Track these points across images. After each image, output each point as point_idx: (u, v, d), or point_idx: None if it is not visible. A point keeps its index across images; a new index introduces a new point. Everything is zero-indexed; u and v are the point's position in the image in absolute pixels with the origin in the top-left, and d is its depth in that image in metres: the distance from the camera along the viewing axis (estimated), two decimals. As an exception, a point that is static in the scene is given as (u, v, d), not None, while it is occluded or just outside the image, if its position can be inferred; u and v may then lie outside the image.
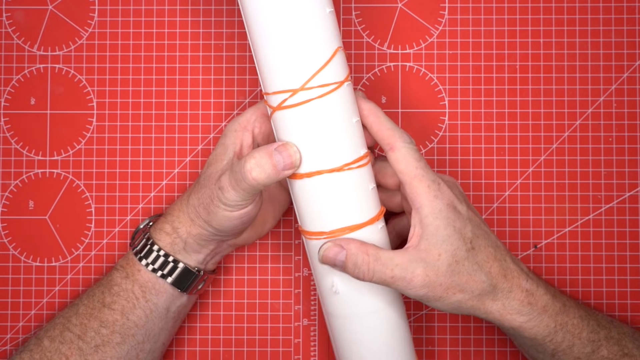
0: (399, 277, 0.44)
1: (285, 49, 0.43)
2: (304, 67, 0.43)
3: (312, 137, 0.45)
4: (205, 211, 0.47)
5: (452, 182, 0.49)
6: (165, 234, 0.50)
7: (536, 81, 0.56)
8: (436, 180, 0.45)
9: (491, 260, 0.46)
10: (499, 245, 0.47)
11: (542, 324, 0.47)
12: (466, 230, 0.45)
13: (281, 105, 0.44)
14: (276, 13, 0.43)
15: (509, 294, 0.46)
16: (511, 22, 0.56)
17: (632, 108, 0.56)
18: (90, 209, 0.56)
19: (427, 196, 0.45)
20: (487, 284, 0.45)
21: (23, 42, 0.57)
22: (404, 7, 0.57)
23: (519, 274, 0.47)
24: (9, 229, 0.56)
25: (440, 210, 0.45)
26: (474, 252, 0.45)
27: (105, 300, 0.50)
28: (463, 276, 0.45)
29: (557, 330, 0.47)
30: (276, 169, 0.45)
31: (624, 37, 0.56)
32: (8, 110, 0.57)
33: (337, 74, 0.44)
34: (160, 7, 0.57)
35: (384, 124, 0.46)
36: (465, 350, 0.56)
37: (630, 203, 0.56)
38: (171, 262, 0.49)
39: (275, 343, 0.56)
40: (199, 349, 0.56)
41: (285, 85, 0.44)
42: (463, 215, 0.46)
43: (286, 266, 0.56)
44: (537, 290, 0.47)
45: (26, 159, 0.57)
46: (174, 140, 0.57)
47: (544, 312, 0.47)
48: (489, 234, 0.47)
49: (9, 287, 0.56)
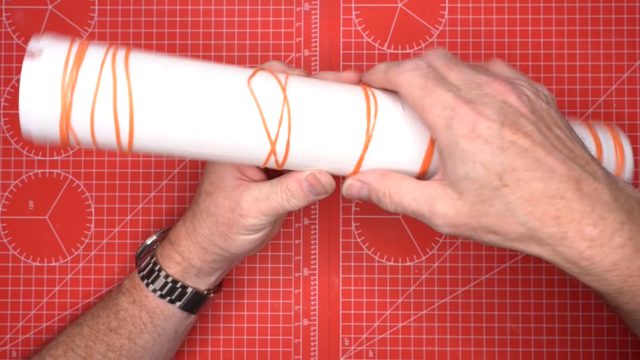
0: (418, 212, 0.39)
1: None
2: (256, 134, 0.40)
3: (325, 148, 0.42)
4: (222, 238, 0.46)
5: (496, 97, 0.38)
6: (176, 263, 0.48)
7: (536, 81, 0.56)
8: (449, 104, 0.38)
9: (536, 197, 0.36)
10: (562, 175, 0.37)
11: (605, 282, 0.37)
12: (494, 164, 0.37)
13: (279, 164, 0.42)
14: None
15: (562, 240, 0.37)
16: (511, 22, 0.56)
17: (632, 108, 0.56)
18: (90, 209, 0.56)
19: (439, 127, 0.38)
20: (525, 228, 0.37)
21: (23, 42, 0.57)
22: (404, 7, 0.57)
23: (583, 216, 0.36)
24: (9, 229, 0.56)
25: (456, 143, 0.37)
26: (506, 189, 0.37)
27: (112, 325, 0.49)
28: (491, 218, 0.37)
29: (623, 292, 0.37)
30: (308, 197, 0.44)
31: (624, 37, 0.56)
32: (8, 110, 0.57)
33: (275, 103, 0.41)
34: (160, 7, 0.57)
35: (379, 72, 0.42)
36: (465, 350, 0.56)
37: (630, 203, 0.55)
38: (179, 287, 0.48)
39: (275, 343, 0.56)
40: (199, 349, 0.56)
41: (262, 156, 0.41)
42: (492, 144, 0.37)
43: (286, 266, 0.56)
44: (611, 240, 0.36)
45: (26, 159, 0.57)
46: (174, 140, 0.57)
47: (610, 270, 0.37)
48: (541, 161, 0.37)
49: (9, 287, 0.56)
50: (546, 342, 0.55)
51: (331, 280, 0.56)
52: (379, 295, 0.56)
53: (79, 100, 0.37)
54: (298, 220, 0.56)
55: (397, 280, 0.56)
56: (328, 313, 0.56)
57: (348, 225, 0.56)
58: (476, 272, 0.56)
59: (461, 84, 0.39)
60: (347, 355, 0.56)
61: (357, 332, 0.56)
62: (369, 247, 0.56)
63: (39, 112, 0.36)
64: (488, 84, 0.39)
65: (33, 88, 0.36)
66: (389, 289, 0.56)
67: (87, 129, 0.37)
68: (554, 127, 0.39)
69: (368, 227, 0.56)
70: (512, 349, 0.55)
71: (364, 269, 0.56)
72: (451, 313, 0.56)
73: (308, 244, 0.56)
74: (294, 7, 0.57)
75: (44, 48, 0.37)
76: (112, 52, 0.38)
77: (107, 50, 0.38)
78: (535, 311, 0.56)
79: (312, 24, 0.57)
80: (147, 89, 0.38)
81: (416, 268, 0.56)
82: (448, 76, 0.40)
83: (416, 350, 0.56)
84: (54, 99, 0.36)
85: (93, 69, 0.37)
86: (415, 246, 0.56)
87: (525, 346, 0.55)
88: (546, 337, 0.55)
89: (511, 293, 0.56)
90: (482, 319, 0.56)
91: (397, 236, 0.56)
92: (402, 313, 0.56)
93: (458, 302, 0.56)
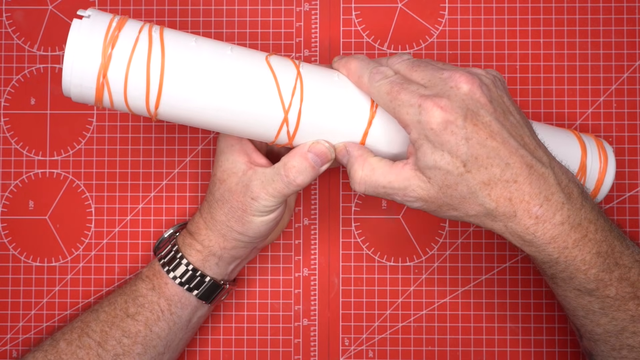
0: (392, 193, 0.44)
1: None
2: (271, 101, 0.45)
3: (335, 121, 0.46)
4: (239, 223, 0.48)
5: (459, 91, 0.42)
6: (197, 251, 0.49)
7: (536, 81, 0.56)
8: (415, 102, 0.42)
9: (493, 182, 0.42)
10: (515, 161, 0.42)
11: (544, 252, 0.43)
12: (459, 153, 0.41)
13: (290, 136, 0.46)
14: None
15: (513, 218, 0.42)
16: (511, 22, 0.56)
17: (632, 108, 0.56)
18: (90, 209, 0.56)
19: (410, 123, 0.42)
20: (483, 208, 0.42)
21: (23, 42, 0.57)
22: (404, 7, 0.57)
23: (531, 197, 0.42)
24: (9, 229, 0.56)
25: (426, 136, 0.42)
26: (469, 175, 0.42)
27: (129, 311, 0.49)
28: (455, 199, 0.42)
29: (559, 262, 0.43)
30: (315, 169, 0.46)
31: (624, 37, 0.56)
32: (8, 110, 0.57)
33: (289, 72, 0.45)
34: (160, 7, 0.57)
35: (354, 75, 0.46)
36: (465, 350, 0.56)
37: (630, 203, 0.55)
38: (199, 276, 0.49)
39: (275, 343, 0.56)
40: (199, 349, 0.56)
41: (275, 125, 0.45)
42: (457, 135, 0.41)
43: (286, 266, 0.56)
44: (552, 218, 0.42)
45: (26, 159, 0.57)
46: (174, 140, 0.57)
47: (550, 243, 0.43)
48: (498, 149, 0.42)
49: (9, 287, 0.56)
50: (546, 342, 0.55)
51: (331, 280, 0.56)
52: (379, 295, 0.56)
53: (118, 55, 0.41)
54: (298, 220, 0.56)
55: (397, 280, 0.56)
56: (328, 313, 0.56)
57: (348, 225, 0.56)
58: (476, 272, 0.56)
59: (426, 82, 0.44)
60: (347, 355, 0.56)
61: (357, 332, 0.56)
62: (369, 247, 0.56)
63: (81, 63, 0.41)
64: (451, 78, 0.43)
65: (78, 42, 0.41)
66: (389, 289, 0.56)
67: (121, 83, 0.42)
68: (508, 115, 0.43)
69: (368, 227, 0.56)
70: (512, 349, 0.55)
71: (364, 269, 0.56)
72: (451, 313, 0.56)
73: (308, 244, 0.56)
74: (294, 7, 0.57)
75: (91, 14, 0.42)
76: (150, 24, 0.44)
77: (145, 22, 0.44)
78: (535, 311, 0.56)
79: (312, 24, 0.57)
80: (178, 54, 0.42)
81: (416, 268, 0.56)
82: (412, 77, 0.44)
83: (416, 350, 0.56)
84: (96, 51, 0.41)
85: (132, 31, 0.42)
86: (415, 246, 0.56)
87: (525, 346, 0.55)
88: (546, 337, 0.55)
89: (511, 293, 0.56)
90: (482, 319, 0.56)
91: (397, 236, 0.56)
92: (402, 313, 0.56)
93: (458, 302, 0.56)
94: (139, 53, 0.42)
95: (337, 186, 0.57)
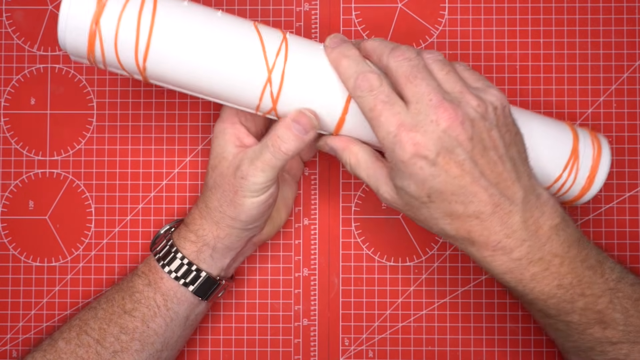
0: (367, 183, 0.47)
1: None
2: (255, 59, 0.46)
3: (316, 89, 0.47)
4: (231, 207, 0.48)
5: (438, 126, 0.42)
6: (191, 243, 0.50)
7: (536, 81, 0.56)
8: (392, 130, 0.42)
9: (455, 215, 0.43)
10: (481, 200, 0.42)
11: (502, 280, 0.44)
12: (425, 187, 0.42)
13: (274, 98, 0.46)
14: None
15: (470, 246, 0.44)
16: (511, 22, 0.56)
17: (632, 108, 0.56)
18: (90, 209, 0.56)
19: (385, 146, 0.44)
20: (443, 232, 0.44)
21: (23, 42, 0.57)
22: (404, 7, 0.57)
23: (490, 233, 0.43)
24: (9, 229, 0.56)
25: (397, 165, 0.43)
26: (432, 204, 0.43)
27: (126, 307, 0.49)
28: (419, 216, 0.45)
29: (517, 290, 0.45)
30: (299, 137, 0.46)
31: (624, 37, 0.56)
32: (8, 110, 0.57)
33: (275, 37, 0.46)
34: (160, 7, 0.57)
35: (342, 74, 0.46)
36: (465, 350, 0.56)
37: (630, 203, 0.55)
38: (194, 270, 0.49)
39: (275, 343, 0.56)
40: (199, 349, 0.56)
41: (259, 85, 0.46)
42: (425, 172, 0.42)
43: (286, 266, 0.56)
44: (510, 253, 0.43)
45: (26, 159, 0.57)
46: (174, 140, 0.57)
47: (507, 274, 0.44)
48: (466, 187, 0.42)
49: (9, 287, 0.56)
50: (546, 342, 0.55)
51: (331, 280, 0.56)
52: (379, 295, 0.56)
53: (111, 4, 0.43)
54: (298, 220, 0.56)
55: (397, 280, 0.56)
56: (328, 313, 0.56)
57: (348, 225, 0.56)
58: (476, 272, 0.56)
59: (413, 101, 0.43)
60: (347, 355, 0.56)
61: (357, 332, 0.56)
62: (369, 247, 0.56)
63: (76, 10, 0.43)
64: (436, 109, 0.42)
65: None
66: (389, 289, 0.56)
67: (113, 32, 0.44)
68: (489, 150, 0.43)
69: (368, 227, 0.56)
70: (512, 349, 0.55)
71: (364, 269, 0.56)
72: (451, 313, 0.56)
73: (308, 244, 0.56)
74: (294, 7, 0.57)
75: None
76: None
77: None
78: (535, 311, 0.56)
79: (312, 24, 0.57)
80: (169, 9, 0.45)
81: (416, 268, 0.56)
82: (404, 89, 0.43)
83: (416, 350, 0.56)
84: (90, 1, 0.43)
85: None
86: (415, 246, 0.56)
87: (525, 346, 0.55)
88: (546, 337, 0.55)
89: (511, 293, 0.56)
90: (482, 319, 0.56)
91: (397, 236, 0.56)
92: (402, 313, 0.56)
93: (458, 302, 0.56)
94: (131, 4, 0.44)
95: (337, 186, 0.57)
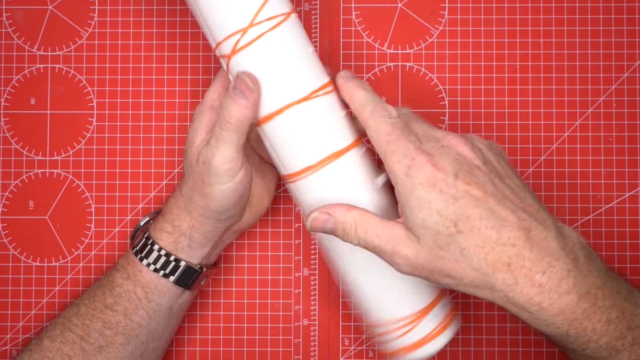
0: (380, 249, 0.42)
1: None
2: (248, 4, 0.44)
3: (272, 73, 0.44)
4: (201, 196, 0.47)
5: (451, 150, 0.42)
6: (167, 234, 0.49)
7: (536, 81, 0.56)
8: (409, 154, 0.41)
9: (489, 245, 0.39)
10: (512, 224, 0.39)
11: (552, 326, 0.40)
12: (448, 212, 0.39)
13: (235, 48, 0.44)
14: None
15: (514, 286, 0.39)
16: (511, 22, 0.56)
17: (632, 108, 0.56)
18: (90, 209, 0.56)
19: (398, 173, 0.41)
20: (480, 273, 0.39)
21: (23, 42, 0.57)
22: (404, 7, 0.57)
23: (533, 263, 0.39)
24: (9, 229, 0.56)
25: (413, 191, 0.40)
26: (461, 236, 0.39)
27: (107, 302, 0.49)
28: (448, 262, 0.40)
29: (569, 335, 0.40)
30: (239, 102, 0.43)
31: (624, 37, 0.56)
32: (8, 110, 0.57)
33: (281, 7, 0.45)
34: (160, 7, 0.57)
35: (357, 102, 0.45)
36: (465, 350, 0.56)
37: (630, 203, 0.56)
38: (173, 261, 0.49)
39: (275, 343, 0.56)
40: (199, 349, 0.56)
41: (235, 26, 0.44)
42: (446, 194, 0.39)
43: (286, 266, 0.56)
44: (558, 286, 0.39)
45: (26, 159, 0.57)
46: (174, 140, 0.57)
47: (558, 315, 0.40)
48: (493, 210, 0.39)
49: (9, 287, 0.56)
50: (546, 342, 0.55)
51: (331, 280, 0.56)
52: (379, 295, 0.56)
53: None
54: (298, 221, 0.56)
55: (397, 280, 0.56)
56: (328, 313, 0.56)
57: (348, 225, 0.56)
58: (476, 272, 0.56)
59: (421, 136, 0.43)
60: (347, 355, 0.56)
61: (357, 332, 0.56)
62: (369, 247, 0.56)
63: None
64: (444, 138, 0.42)
65: None
66: (389, 289, 0.56)
67: None
68: (505, 178, 0.42)
69: (368, 227, 0.56)
70: (512, 349, 0.55)
71: (364, 269, 0.56)
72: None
73: (308, 244, 0.56)
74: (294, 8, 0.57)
75: None
76: None
77: None
78: (535, 311, 0.56)
79: (312, 24, 0.57)
80: None
81: (416, 268, 0.56)
82: (412, 126, 0.44)
83: (416, 350, 0.56)
84: None
85: None
86: (415, 246, 0.56)
87: (525, 346, 0.55)
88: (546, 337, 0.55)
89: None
90: (482, 319, 0.56)
91: (397, 236, 0.56)
92: (402, 313, 0.56)
93: (458, 302, 0.56)
94: None
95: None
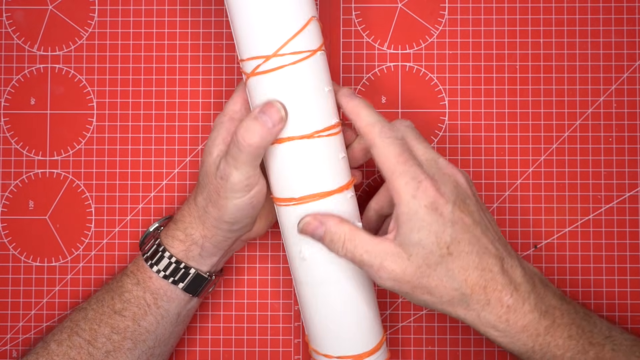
0: (367, 263, 0.44)
1: (261, 16, 0.44)
2: (278, 34, 0.44)
3: (284, 103, 0.45)
4: (215, 208, 0.47)
5: (451, 178, 0.45)
6: (179, 242, 0.49)
7: (536, 81, 0.56)
8: (417, 177, 0.44)
9: (471, 268, 0.44)
10: (491, 252, 0.44)
11: (519, 342, 0.45)
12: (444, 235, 0.43)
13: (255, 71, 0.45)
14: None
15: (486, 306, 0.44)
16: (511, 22, 0.56)
17: (632, 108, 0.56)
18: (90, 209, 0.56)
19: (404, 194, 0.43)
20: (459, 293, 0.44)
21: (23, 42, 0.57)
22: (404, 7, 0.57)
23: (503, 287, 0.44)
24: (9, 229, 0.56)
25: (416, 212, 0.43)
26: (450, 258, 0.43)
27: (116, 307, 0.49)
28: (433, 280, 0.43)
29: (535, 351, 0.45)
30: (266, 127, 0.44)
31: (624, 37, 0.56)
32: (8, 110, 0.57)
33: (309, 43, 0.45)
34: (160, 7, 0.57)
35: (363, 120, 0.46)
36: (465, 350, 0.56)
37: (630, 203, 0.56)
38: (183, 268, 0.49)
39: (275, 343, 0.56)
40: (199, 349, 0.56)
41: (259, 51, 0.45)
42: (445, 218, 0.43)
43: (286, 266, 0.56)
44: (522, 307, 0.44)
45: (26, 159, 0.57)
46: (174, 140, 0.57)
47: (523, 332, 0.44)
48: (479, 238, 0.44)
49: (9, 287, 0.56)
50: (546, 342, 0.55)
51: (331, 280, 0.56)
52: (379, 295, 0.56)
53: None
54: (298, 220, 0.56)
55: (397, 280, 0.56)
56: (328, 313, 0.56)
57: (348, 225, 0.56)
58: (476, 272, 0.56)
59: (423, 160, 0.46)
60: (347, 355, 0.56)
61: (357, 332, 0.56)
62: (369, 247, 0.56)
63: None
64: (444, 166, 0.46)
65: None
66: (389, 289, 0.56)
67: None
68: (486, 212, 0.47)
69: (368, 227, 0.56)
70: (512, 349, 0.55)
71: (364, 269, 0.56)
72: (451, 313, 0.56)
73: (308, 244, 0.56)
74: (294, 7, 0.57)
75: None
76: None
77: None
78: (535, 311, 0.56)
79: (312, 24, 0.57)
80: None
81: (416, 268, 0.56)
82: (415, 149, 0.46)
83: (416, 350, 0.56)
84: None
85: None
86: (415, 246, 0.56)
87: (525, 346, 0.55)
88: (546, 337, 0.55)
89: None
90: (482, 319, 0.56)
91: (397, 236, 0.56)
92: (402, 313, 0.56)
93: (458, 302, 0.56)
94: None
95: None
